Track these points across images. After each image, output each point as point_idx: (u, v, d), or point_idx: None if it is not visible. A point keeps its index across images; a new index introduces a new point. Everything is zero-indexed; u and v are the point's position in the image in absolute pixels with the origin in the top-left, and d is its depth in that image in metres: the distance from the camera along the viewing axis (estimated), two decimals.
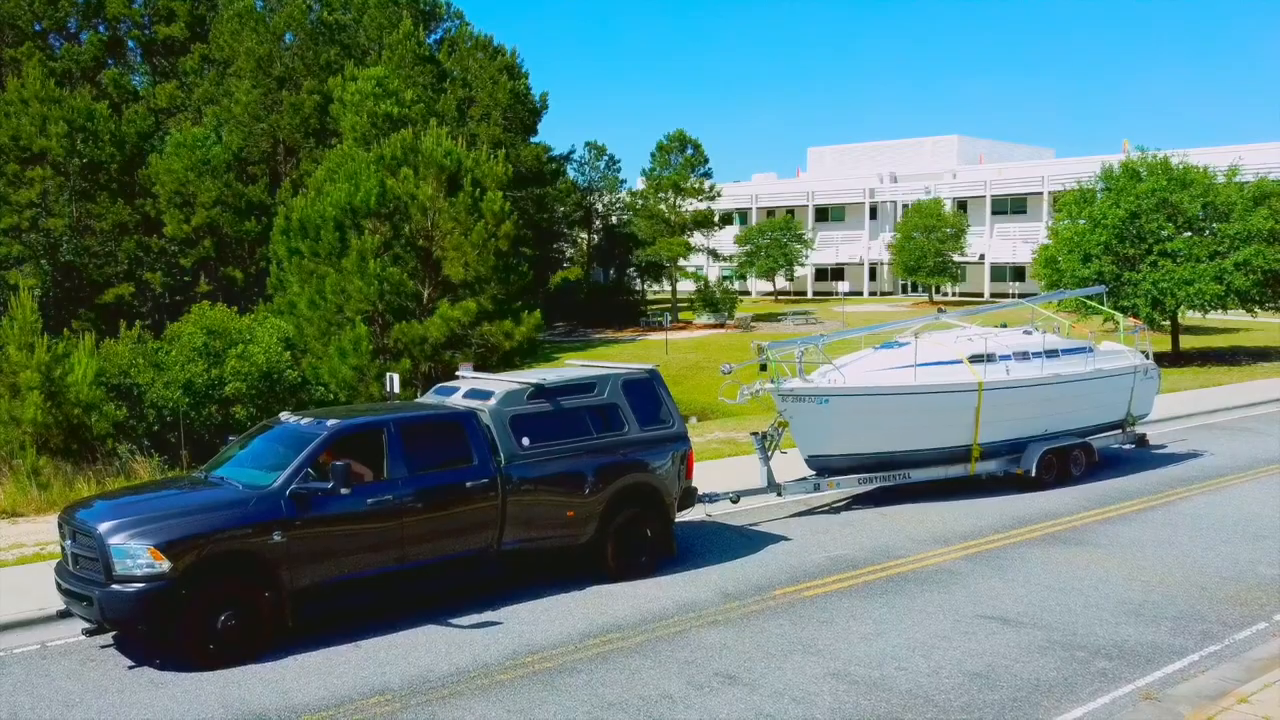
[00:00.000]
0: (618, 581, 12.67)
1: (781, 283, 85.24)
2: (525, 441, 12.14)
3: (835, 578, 13.11)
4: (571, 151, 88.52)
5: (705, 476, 16.69)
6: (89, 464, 22.20)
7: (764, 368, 15.87)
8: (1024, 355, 18.05)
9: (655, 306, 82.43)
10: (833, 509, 16.93)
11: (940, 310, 21.22)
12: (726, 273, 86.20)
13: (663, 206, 76.08)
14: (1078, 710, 9.02)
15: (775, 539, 15.07)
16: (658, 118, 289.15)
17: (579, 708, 9.15)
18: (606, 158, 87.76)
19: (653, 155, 76.90)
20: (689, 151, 75.66)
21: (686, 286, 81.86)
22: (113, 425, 24.09)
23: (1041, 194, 76.68)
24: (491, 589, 12.35)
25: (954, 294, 77.02)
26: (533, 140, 73.90)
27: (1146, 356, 20.54)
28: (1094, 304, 30.13)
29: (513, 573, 12.42)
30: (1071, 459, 18.49)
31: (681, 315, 76.55)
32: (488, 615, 11.69)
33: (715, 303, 73.84)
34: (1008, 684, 9.60)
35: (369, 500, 11.04)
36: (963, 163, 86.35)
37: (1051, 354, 18.47)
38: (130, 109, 61.32)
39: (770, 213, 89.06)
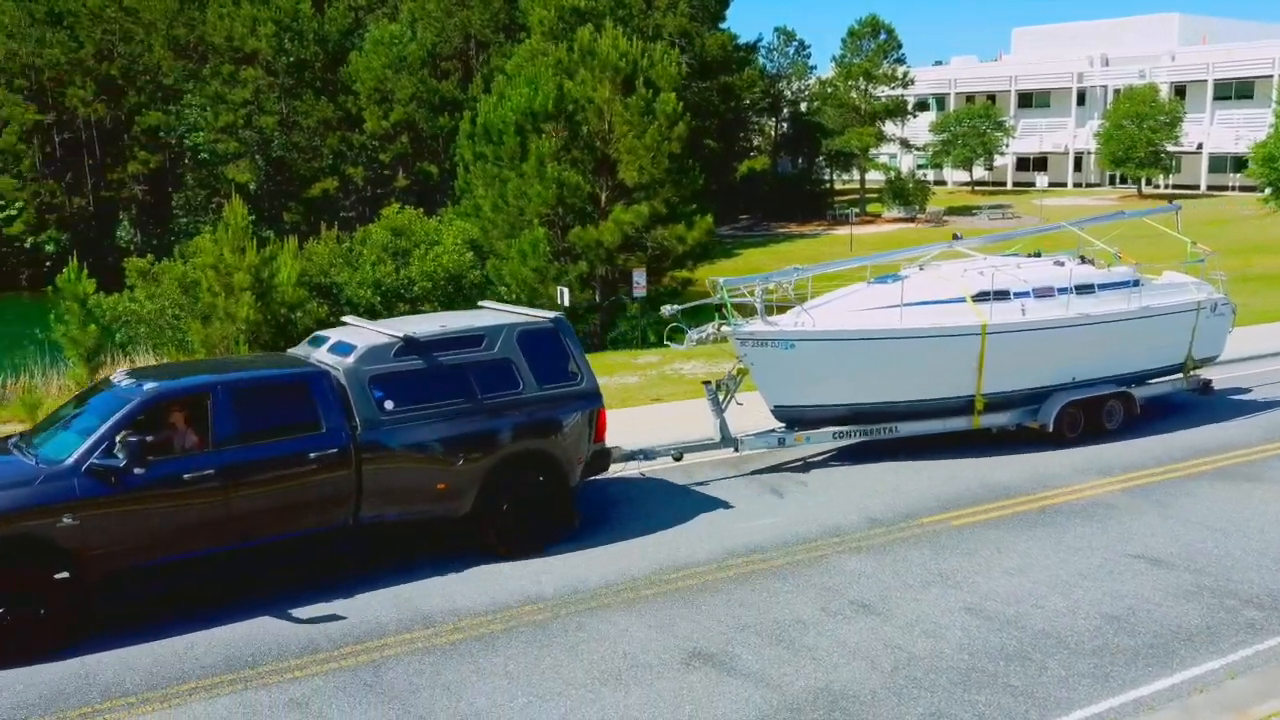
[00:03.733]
0: (507, 560, 11.25)
1: (979, 173, 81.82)
2: (388, 404, 10.74)
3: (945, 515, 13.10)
4: (759, 39, 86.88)
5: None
6: None
7: (720, 310, 14.34)
8: (1046, 291, 15.65)
9: (842, 199, 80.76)
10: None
11: (956, 236, 18.39)
12: (921, 162, 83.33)
13: (853, 94, 73.90)
14: (1215, 662, 8.92)
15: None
16: (850, 2, 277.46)
17: (716, 626, 9.68)
18: (795, 44, 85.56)
19: (843, 41, 74.60)
20: (881, 37, 72.98)
21: (876, 178, 79.69)
22: (315, 322, 25.92)
23: (1271, 77, 70.30)
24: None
25: (1166, 186, 72.21)
26: (720, 28, 72.67)
27: (1218, 289, 17.70)
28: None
29: (384, 547, 11.32)
30: (1105, 411, 16.09)
31: (870, 208, 74.81)
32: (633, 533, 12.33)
33: (905, 195, 71.79)
34: (1146, 629, 9.54)
35: (186, 475, 9.72)
36: (1182, 43, 79.82)
37: (1085, 289, 15.90)
38: (331, 7, 63.51)
39: (969, 99, 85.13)
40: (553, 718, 8.13)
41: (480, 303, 13.16)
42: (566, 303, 16.64)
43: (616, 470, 13.63)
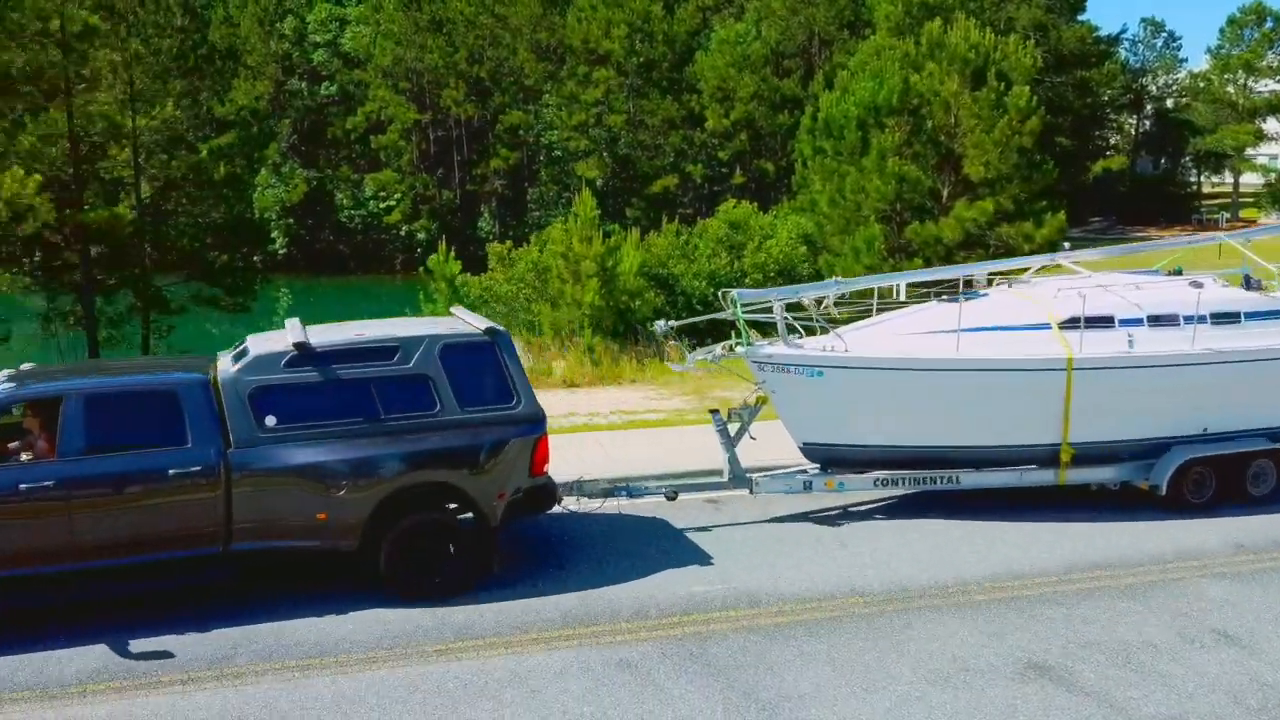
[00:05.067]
0: (408, 604, 9.84)
1: None
2: (270, 420, 9.57)
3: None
4: (1122, 31, 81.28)
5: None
6: (632, 344, 25.09)
7: (735, 328, 12.39)
8: (1167, 319, 12.59)
9: (1210, 203, 73.77)
10: None
11: (1066, 245, 15.08)
12: None
13: (1229, 89, 67.28)
14: None
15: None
16: None
17: (1054, 639, 9.15)
18: (1164, 35, 79.02)
19: (1222, 31, 68.34)
20: (1268, 25, 65.85)
21: (1252, 180, 72.07)
22: (652, 310, 26.93)
23: None
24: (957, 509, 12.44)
25: None
26: (1078, 19, 68.42)
27: None
28: None
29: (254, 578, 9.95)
30: (1250, 472, 12.88)
31: (1243, 214, 67.83)
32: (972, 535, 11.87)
33: None
34: None
35: (23, 485, 8.99)
36: None
37: (1225, 318, 12.78)
38: (680, 8, 65.56)
39: None
40: (877, 712, 7.99)
41: (452, 309, 11.50)
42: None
43: (595, 506, 12.43)
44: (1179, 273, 13.97)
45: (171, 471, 9.29)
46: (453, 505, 10.20)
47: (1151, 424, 12.58)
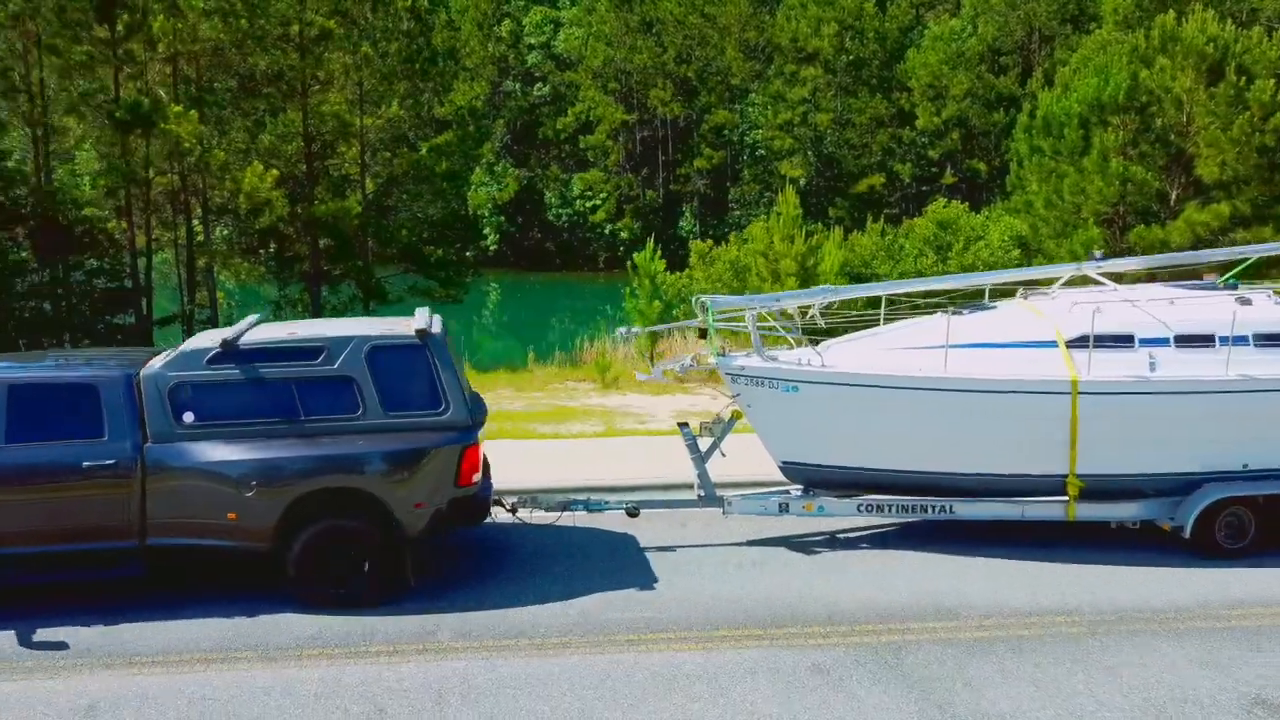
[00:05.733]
0: (318, 611, 9.69)
1: None
2: (188, 417, 9.65)
3: None
4: None
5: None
6: None
7: (704, 334, 11.70)
8: (1200, 340, 11.18)
9: None
10: None
11: (1097, 254, 13.33)
12: None
13: None
14: None
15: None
16: None
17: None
18: None
19: None
20: None
21: None
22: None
23: None
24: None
25: None
26: None
27: None
28: None
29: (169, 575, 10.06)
30: None
31: None
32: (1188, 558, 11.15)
33: None
34: None
35: None
36: None
37: (1273, 340, 11.25)
38: (893, 5, 64.19)
39: None
40: None
41: (419, 309, 11.12)
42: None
43: (557, 519, 12.00)
44: (1234, 286, 12.22)
45: (86, 464, 9.45)
46: (357, 513, 9.84)
47: (1178, 457, 11.22)
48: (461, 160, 32.18)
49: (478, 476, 10.22)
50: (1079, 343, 11.13)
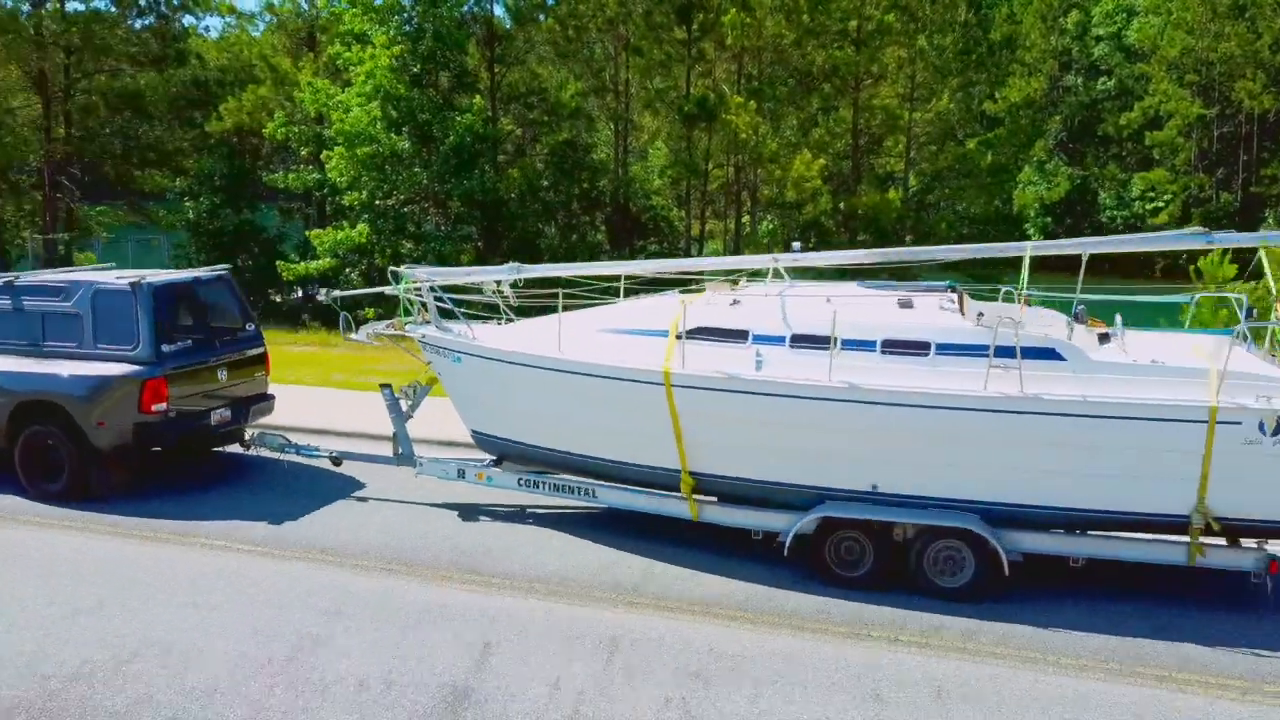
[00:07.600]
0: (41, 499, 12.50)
1: None
2: None
3: None
4: None
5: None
6: None
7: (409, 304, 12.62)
8: (813, 340, 10.00)
9: None
10: None
11: (796, 245, 12.77)
12: None
13: None
14: None
15: None
16: None
17: None
18: None
19: None
20: None
21: None
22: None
23: None
24: None
25: None
26: None
27: None
28: None
29: None
30: (933, 554, 9.82)
31: None
32: None
33: None
34: None
35: None
36: None
37: (902, 347, 9.78)
38: None
39: None
40: None
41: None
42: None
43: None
44: (952, 288, 10.96)
45: None
46: (62, 424, 12.34)
47: (792, 468, 10.37)
48: (1011, 156, 30.99)
49: (160, 406, 12.32)
50: (693, 334, 10.66)
